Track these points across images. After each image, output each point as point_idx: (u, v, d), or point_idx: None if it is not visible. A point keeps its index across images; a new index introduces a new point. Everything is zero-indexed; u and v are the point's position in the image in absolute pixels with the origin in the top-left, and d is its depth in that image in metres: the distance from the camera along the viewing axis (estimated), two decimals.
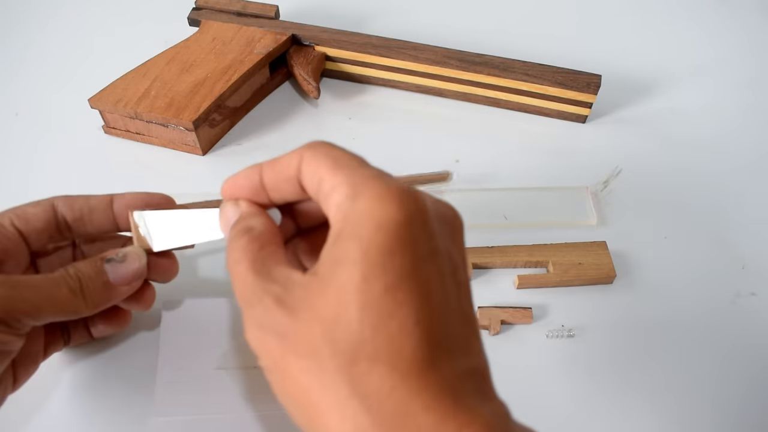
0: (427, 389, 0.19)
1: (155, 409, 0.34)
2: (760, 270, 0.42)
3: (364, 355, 0.20)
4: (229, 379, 0.35)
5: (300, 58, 0.50)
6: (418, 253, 0.21)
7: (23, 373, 0.31)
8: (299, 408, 0.21)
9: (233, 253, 0.24)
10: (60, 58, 0.54)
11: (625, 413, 0.36)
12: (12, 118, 0.49)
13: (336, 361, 0.20)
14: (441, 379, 0.20)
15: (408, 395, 0.19)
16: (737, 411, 0.36)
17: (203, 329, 0.37)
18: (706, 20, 0.61)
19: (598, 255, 0.41)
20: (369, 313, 0.20)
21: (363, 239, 0.20)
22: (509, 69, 0.49)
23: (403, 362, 0.19)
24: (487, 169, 0.47)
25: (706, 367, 0.38)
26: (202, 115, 0.44)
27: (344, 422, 0.20)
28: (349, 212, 0.21)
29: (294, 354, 0.21)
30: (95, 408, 0.34)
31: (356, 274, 0.20)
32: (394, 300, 0.20)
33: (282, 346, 0.21)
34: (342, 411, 0.20)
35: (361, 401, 0.19)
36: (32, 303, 0.27)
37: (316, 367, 0.20)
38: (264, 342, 0.22)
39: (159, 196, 0.33)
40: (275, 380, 0.22)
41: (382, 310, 0.20)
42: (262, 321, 0.22)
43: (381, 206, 0.21)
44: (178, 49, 0.49)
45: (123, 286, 0.30)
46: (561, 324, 0.39)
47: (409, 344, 0.20)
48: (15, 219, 0.30)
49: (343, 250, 0.21)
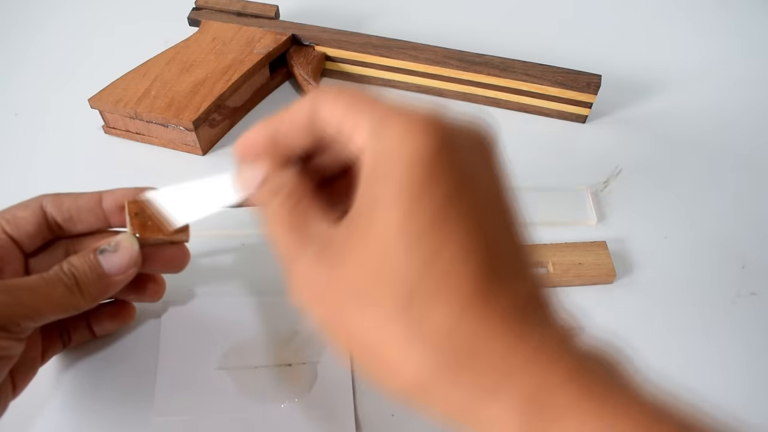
0: (488, 320, 0.19)
1: (155, 409, 0.34)
2: (760, 270, 0.42)
3: (419, 295, 0.19)
4: (229, 379, 0.35)
5: (300, 58, 0.50)
6: (453, 184, 0.20)
7: (22, 380, 0.30)
8: (363, 356, 0.21)
9: (269, 215, 0.24)
10: (60, 58, 0.54)
11: None
12: (12, 118, 0.49)
13: (391, 305, 0.19)
14: (501, 308, 0.19)
15: (471, 329, 0.19)
16: (737, 411, 0.36)
17: (203, 329, 0.37)
18: (706, 20, 0.61)
19: (598, 255, 0.41)
20: (416, 252, 0.19)
21: (395, 178, 0.20)
22: (509, 69, 0.49)
23: (461, 296, 0.19)
24: None
25: (705, 367, 0.38)
26: (202, 115, 0.44)
27: (410, 365, 0.19)
28: (376, 152, 0.21)
29: (347, 304, 0.20)
30: (95, 408, 0.34)
31: (394, 215, 0.19)
32: (440, 234, 0.19)
33: (333, 299, 0.21)
34: (406, 354, 0.19)
35: (424, 342, 0.19)
36: (30, 306, 0.26)
37: (372, 313, 0.20)
38: (315, 298, 0.21)
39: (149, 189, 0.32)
40: (333, 335, 0.22)
41: (430, 246, 0.19)
42: (309, 278, 0.21)
43: (407, 141, 0.20)
44: (178, 49, 0.49)
45: (118, 275, 0.29)
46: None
47: (463, 276, 0.19)
48: (5, 225, 0.30)
49: (376, 192, 0.20)
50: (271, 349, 0.37)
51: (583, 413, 0.18)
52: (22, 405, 0.31)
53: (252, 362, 0.36)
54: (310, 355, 0.37)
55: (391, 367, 0.20)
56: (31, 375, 0.31)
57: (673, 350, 0.38)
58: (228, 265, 0.41)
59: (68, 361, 0.36)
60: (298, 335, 0.37)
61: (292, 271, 0.22)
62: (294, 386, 0.35)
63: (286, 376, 0.36)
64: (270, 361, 0.36)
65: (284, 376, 0.36)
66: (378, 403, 0.35)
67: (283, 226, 0.23)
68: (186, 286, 0.39)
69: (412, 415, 0.35)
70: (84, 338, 0.35)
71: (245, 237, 0.42)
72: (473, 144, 0.22)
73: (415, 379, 0.19)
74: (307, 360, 0.36)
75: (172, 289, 0.38)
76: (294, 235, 0.22)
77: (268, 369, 0.36)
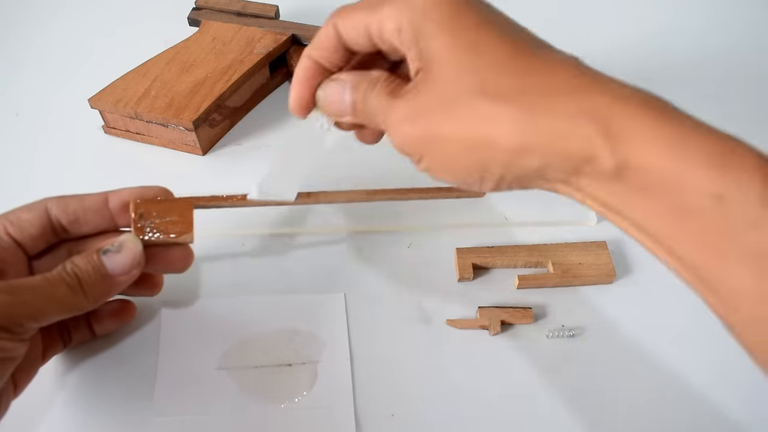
0: (538, 68, 0.23)
1: (155, 408, 0.34)
2: None
3: (485, 80, 0.23)
4: (229, 379, 0.35)
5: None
6: (477, 11, 0.25)
7: (23, 379, 0.30)
8: (461, 150, 0.24)
9: (374, 100, 0.27)
10: (60, 58, 0.54)
11: (625, 413, 0.36)
12: (12, 118, 0.49)
13: (470, 94, 0.23)
14: (548, 61, 0.24)
15: (532, 79, 0.23)
16: (737, 411, 0.36)
17: (203, 329, 0.37)
18: (707, 20, 0.61)
19: (598, 255, 0.41)
20: (470, 56, 0.24)
21: (434, 23, 0.24)
22: None
23: (511, 63, 0.23)
24: None
25: (706, 367, 0.38)
26: (202, 115, 0.44)
27: (502, 127, 0.23)
28: (409, 20, 0.24)
29: (437, 116, 0.24)
30: (96, 408, 0.34)
31: (444, 41, 0.24)
32: (478, 36, 0.24)
33: (425, 118, 0.25)
34: (496, 120, 0.23)
35: (503, 102, 0.23)
36: (33, 306, 0.26)
37: (458, 109, 0.24)
38: (413, 127, 0.25)
39: (155, 188, 0.32)
40: (430, 149, 0.25)
41: (476, 48, 0.24)
42: (410, 114, 0.25)
43: None
44: (178, 49, 0.49)
45: (122, 276, 0.29)
46: (561, 324, 0.39)
47: (501, 52, 0.24)
48: (9, 227, 0.30)
49: (425, 45, 0.24)
50: (271, 349, 0.37)
51: (654, 119, 0.22)
52: (24, 405, 0.31)
53: (252, 362, 0.36)
54: (310, 355, 0.37)
55: (488, 141, 0.23)
56: (32, 374, 0.31)
57: (673, 350, 0.38)
58: (228, 264, 0.41)
59: (69, 362, 0.36)
60: (298, 335, 0.37)
61: (392, 121, 0.26)
62: (294, 386, 0.35)
63: (286, 376, 0.36)
64: (270, 361, 0.36)
65: (284, 376, 0.36)
66: (378, 403, 0.35)
67: (387, 97, 0.26)
68: (186, 286, 0.39)
69: (412, 415, 0.35)
70: (84, 338, 0.35)
71: (245, 237, 0.42)
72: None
73: (511, 136, 0.23)
74: (307, 360, 0.36)
75: (172, 289, 0.38)
76: (395, 98, 0.26)
77: (268, 369, 0.36)
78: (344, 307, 0.39)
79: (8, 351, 0.26)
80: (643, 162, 0.21)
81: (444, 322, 0.39)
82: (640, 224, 0.23)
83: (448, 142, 0.24)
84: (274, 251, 0.41)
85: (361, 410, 0.35)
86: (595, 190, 0.23)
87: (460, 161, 0.25)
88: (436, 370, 0.37)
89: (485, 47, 0.24)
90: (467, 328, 0.39)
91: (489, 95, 0.23)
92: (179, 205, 0.32)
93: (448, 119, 0.24)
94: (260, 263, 0.41)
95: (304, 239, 0.42)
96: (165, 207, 0.31)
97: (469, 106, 0.23)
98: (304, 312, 0.38)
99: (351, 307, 0.39)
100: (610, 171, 0.22)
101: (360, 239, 0.43)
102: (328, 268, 0.41)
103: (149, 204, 0.31)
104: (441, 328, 0.39)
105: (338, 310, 0.39)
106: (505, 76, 0.23)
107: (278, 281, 0.40)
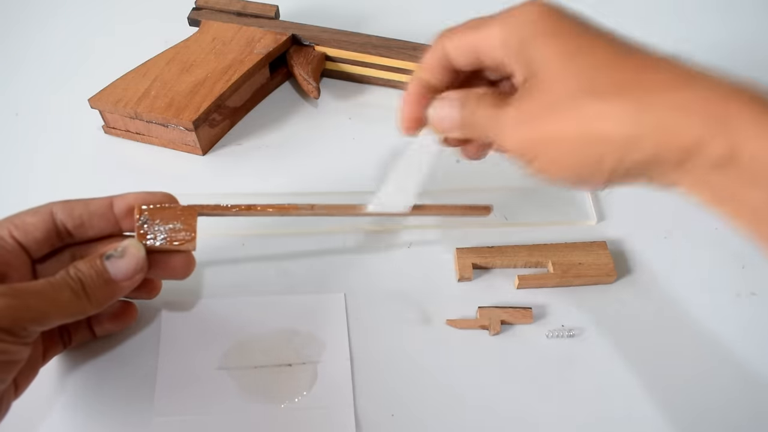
0: (641, 65, 0.25)
1: (155, 409, 0.34)
2: (760, 270, 0.42)
3: (592, 80, 0.25)
4: (229, 379, 0.35)
5: (300, 58, 0.50)
6: (574, 21, 0.26)
7: (23, 380, 0.30)
8: (572, 148, 0.25)
9: (483, 113, 0.28)
10: (60, 58, 0.54)
11: (625, 413, 0.36)
12: (12, 118, 0.49)
13: (578, 95, 0.25)
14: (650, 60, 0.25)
15: (637, 75, 0.24)
16: (737, 410, 0.36)
17: (203, 329, 0.37)
18: (707, 19, 0.61)
19: (598, 255, 0.41)
20: (574, 60, 0.25)
21: (537, 34, 0.26)
22: None
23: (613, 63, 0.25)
24: (487, 169, 0.47)
25: (706, 367, 0.38)
26: (202, 115, 0.44)
27: (612, 120, 0.24)
28: (512, 34, 0.27)
29: (547, 117, 0.26)
30: (96, 408, 0.34)
31: (549, 49, 0.26)
32: (579, 42, 0.26)
33: (536, 121, 0.26)
34: (606, 116, 0.24)
35: (613, 97, 0.24)
36: (37, 310, 0.27)
37: (570, 110, 0.25)
38: (531, 123, 0.26)
39: (160, 194, 0.33)
40: (540, 149, 0.26)
41: (579, 52, 0.25)
42: (522, 117, 0.26)
43: (532, 11, 0.26)
44: (178, 49, 0.49)
45: (125, 281, 0.30)
46: (561, 324, 0.39)
47: (604, 54, 0.25)
48: (14, 230, 0.30)
49: (529, 55, 0.26)
50: (271, 349, 0.37)
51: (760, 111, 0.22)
52: (25, 405, 0.31)
53: (252, 362, 0.36)
54: (310, 355, 0.37)
55: (600, 136, 0.24)
56: (32, 376, 0.31)
57: (673, 350, 0.38)
58: (228, 265, 0.41)
59: (70, 363, 0.36)
60: (298, 335, 0.37)
61: (502, 127, 0.27)
62: (294, 386, 0.35)
63: (286, 376, 0.36)
64: (270, 361, 0.36)
65: (284, 376, 0.36)
66: (378, 403, 0.35)
67: (494, 108, 0.28)
68: (186, 287, 0.39)
69: (412, 415, 0.35)
70: (84, 339, 0.35)
71: (245, 237, 0.42)
72: None
73: (622, 130, 0.24)
74: (307, 360, 0.36)
75: (173, 290, 0.38)
76: (506, 105, 0.27)
77: (269, 369, 0.36)
78: (344, 308, 0.39)
79: (12, 354, 0.26)
80: (755, 150, 0.22)
81: (444, 322, 0.39)
82: (757, 209, 0.23)
83: (560, 141, 0.25)
84: (274, 251, 0.41)
85: (361, 410, 0.35)
86: (705, 179, 0.24)
87: (573, 158, 0.26)
88: (436, 370, 0.37)
89: (588, 51, 0.25)
90: (467, 328, 0.39)
91: (597, 93, 0.24)
92: (183, 213, 0.32)
93: (559, 119, 0.25)
94: (260, 263, 0.41)
95: (304, 239, 0.42)
96: (169, 214, 0.31)
97: (579, 106, 0.25)
98: (303, 312, 0.38)
99: (351, 307, 0.39)
100: (722, 159, 0.23)
101: (360, 239, 0.43)
102: (328, 269, 0.41)
103: (153, 210, 0.31)
104: (441, 328, 0.39)
105: (338, 310, 0.39)
106: (610, 75, 0.25)
107: (278, 281, 0.40)
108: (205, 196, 0.44)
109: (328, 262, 0.41)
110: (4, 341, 0.26)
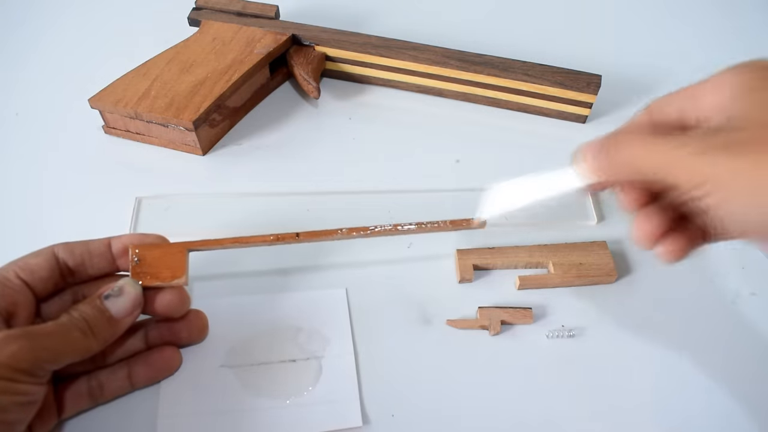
0: None
1: (160, 408, 0.34)
2: (760, 270, 0.42)
3: None
4: (233, 377, 0.35)
5: (300, 58, 0.50)
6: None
7: (39, 425, 0.31)
8: None
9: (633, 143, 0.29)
10: (60, 58, 0.54)
11: (625, 413, 0.36)
12: (12, 118, 0.49)
13: None
14: None
15: None
16: (737, 410, 0.36)
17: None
18: (707, 20, 0.61)
19: (598, 255, 0.41)
20: None
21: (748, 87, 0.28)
22: (509, 69, 0.49)
23: None
24: (487, 169, 0.47)
25: (706, 367, 0.38)
26: (202, 115, 0.44)
27: None
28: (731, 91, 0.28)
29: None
30: (98, 410, 0.34)
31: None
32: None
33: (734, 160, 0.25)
34: None
35: None
36: (51, 350, 0.28)
37: None
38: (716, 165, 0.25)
39: (153, 236, 0.34)
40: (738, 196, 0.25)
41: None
42: (704, 146, 0.26)
43: (737, 75, 0.29)
44: (178, 49, 0.49)
45: (126, 317, 0.31)
46: (561, 324, 0.39)
47: None
48: (20, 271, 0.31)
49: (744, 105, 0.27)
50: (274, 345, 0.37)
51: None
52: None
53: (256, 359, 0.36)
54: (315, 351, 0.37)
55: None
56: (49, 423, 0.32)
57: (673, 350, 0.38)
58: (228, 265, 0.41)
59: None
60: (302, 331, 0.37)
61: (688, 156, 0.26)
62: (299, 381, 0.36)
63: (290, 371, 0.36)
64: (274, 357, 0.36)
65: (289, 372, 0.36)
66: (378, 402, 0.35)
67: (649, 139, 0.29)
68: (189, 285, 0.39)
69: (412, 415, 0.35)
70: (121, 391, 0.34)
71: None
72: None
73: None
74: (312, 355, 0.37)
75: None
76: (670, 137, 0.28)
77: (273, 365, 0.36)
78: (346, 303, 0.39)
79: (32, 395, 0.28)
80: None
81: (444, 322, 0.39)
82: None
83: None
84: (274, 251, 0.41)
85: (362, 409, 0.35)
86: None
87: None
88: (437, 370, 0.37)
89: None
90: (467, 328, 0.39)
91: None
92: (173, 250, 0.34)
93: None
94: (260, 263, 0.41)
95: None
96: (160, 252, 0.33)
97: None
98: (306, 308, 0.39)
99: (352, 307, 0.39)
100: None
101: (360, 239, 0.43)
102: (329, 269, 0.41)
103: (145, 249, 0.33)
104: (441, 329, 0.39)
105: (340, 304, 0.39)
106: None
107: (279, 281, 0.40)
108: (205, 196, 0.44)
109: (329, 262, 0.41)
110: (26, 383, 0.27)
